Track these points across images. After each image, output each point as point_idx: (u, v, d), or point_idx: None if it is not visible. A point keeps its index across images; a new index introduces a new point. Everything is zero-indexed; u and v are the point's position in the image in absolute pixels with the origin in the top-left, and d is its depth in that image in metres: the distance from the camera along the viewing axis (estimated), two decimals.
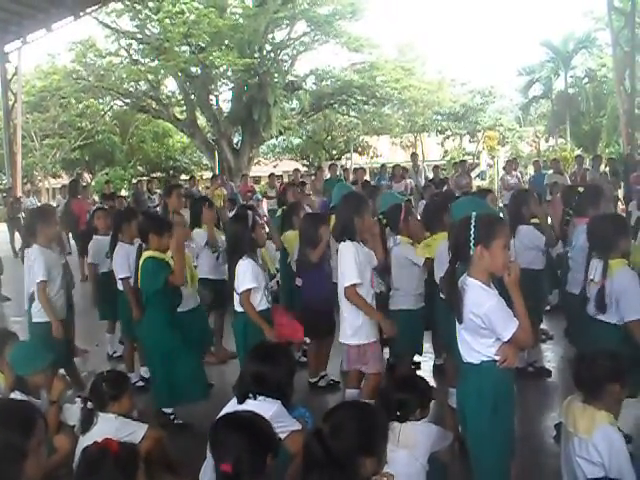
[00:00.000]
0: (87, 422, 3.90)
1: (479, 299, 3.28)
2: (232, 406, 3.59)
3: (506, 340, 3.24)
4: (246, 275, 5.15)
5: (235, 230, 5.48)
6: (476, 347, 3.35)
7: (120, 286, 6.49)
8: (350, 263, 4.78)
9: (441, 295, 5.46)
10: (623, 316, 4.38)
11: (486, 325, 3.26)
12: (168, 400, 5.43)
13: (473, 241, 3.29)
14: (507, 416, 3.38)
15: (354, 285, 4.77)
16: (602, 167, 16.85)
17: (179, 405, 5.46)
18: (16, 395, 3.99)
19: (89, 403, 3.99)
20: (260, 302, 5.24)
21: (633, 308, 4.31)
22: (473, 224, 3.31)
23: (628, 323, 4.35)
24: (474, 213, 3.39)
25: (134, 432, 3.89)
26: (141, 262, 5.39)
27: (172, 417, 5.45)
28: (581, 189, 6.21)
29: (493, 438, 3.36)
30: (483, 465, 3.45)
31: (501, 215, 6.03)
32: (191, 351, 5.42)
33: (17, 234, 17.37)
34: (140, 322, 5.65)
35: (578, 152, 29.24)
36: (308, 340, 6.32)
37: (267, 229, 6.96)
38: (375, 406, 3.09)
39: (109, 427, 3.81)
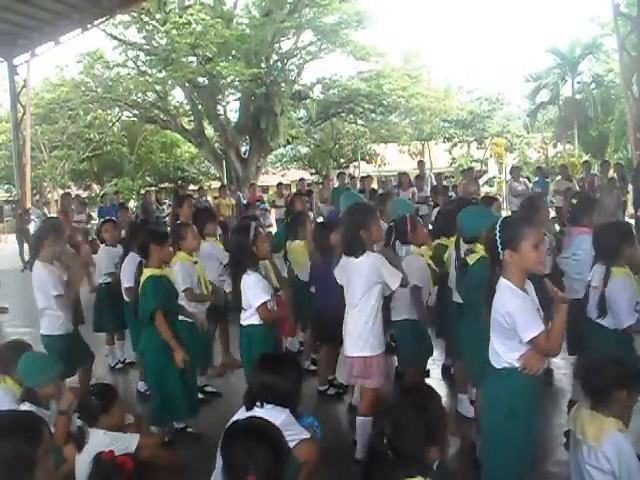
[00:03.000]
0: (81, 438, 3.88)
1: (504, 298, 3.34)
2: (241, 414, 3.60)
3: (525, 341, 3.27)
4: (257, 289, 5.09)
5: (236, 243, 5.43)
6: (499, 351, 3.40)
7: (126, 296, 6.51)
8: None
9: (454, 300, 5.52)
10: (617, 324, 4.45)
11: (509, 325, 3.30)
12: (160, 419, 5.37)
13: (501, 246, 3.36)
14: (522, 425, 3.39)
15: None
16: (610, 172, 16.80)
17: (170, 422, 5.46)
18: (25, 406, 4.00)
19: (78, 420, 3.98)
20: None
21: (624, 315, 4.39)
22: (498, 229, 3.39)
23: (627, 329, 4.41)
24: (500, 218, 3.49)
25: (127, 445, 3.85)
26: (142, 281, 5.32)
27: (182, 427, 5.47)
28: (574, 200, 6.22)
29: (504, 445, 3.39)
30: (490, 471, 3.47)
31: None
32: (187, 368, 5.38)
33: (26, 245, 17.49)
34: (140, 339, 5.59)
35: (586, 158, 29.19)
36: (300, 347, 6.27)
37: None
38: (431, 395, 3.08)
39: (100, 443, 3.75)
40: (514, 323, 3.28)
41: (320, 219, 12.51)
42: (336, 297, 5.67)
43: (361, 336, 4.79)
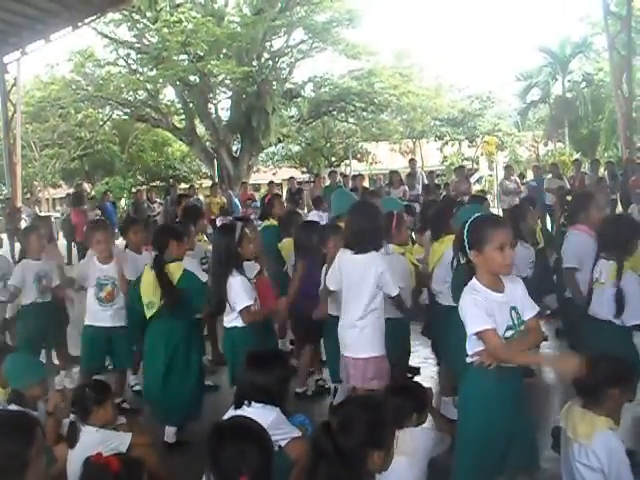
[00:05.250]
0: (73, 435, 3.87)
1: (463, 295, 3.38)
2: (230, 414, 3.59)
3: (470, 334, 3.30)
4: (239, 293, 5.06)
5: (220, 243, 5.35)
6: (467, 349, 3.41)
7: None
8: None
9: (438, 301, 5.52)
10: (624, 319, 4.47)
11: (463, 319, 3.34)
12: (172, 417, 5.38)
13: (468, 245, 3.38)
14: (476, 423, 3.39)
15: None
16: (601, 171, 16.86)
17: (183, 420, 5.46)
18: (13, 408, 3.98)
19: (72, 415, 3.98)
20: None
21: (635, 313, 4.42)
22: (467, 229, 3.39)
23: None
24: (470, 219, 3.44)
25: (119, 443, 3.84)
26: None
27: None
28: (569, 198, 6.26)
29: (460, 442, 3.45)
30: (454, 467, 3.50)
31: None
32: (191, 369, 5.39)
33: (17, 244, 17.38)
34: (146, 337, 5.53)
35: (577, 156, 29.28)
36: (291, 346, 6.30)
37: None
38: (382, 400, 3.09)
39: (92, 440, 3.76)
40: (464, 317, 3.31)
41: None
42: (317, 298, 5.68)
43: (374, 336, 4.77)
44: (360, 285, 4.73)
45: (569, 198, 6.25)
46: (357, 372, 4.79)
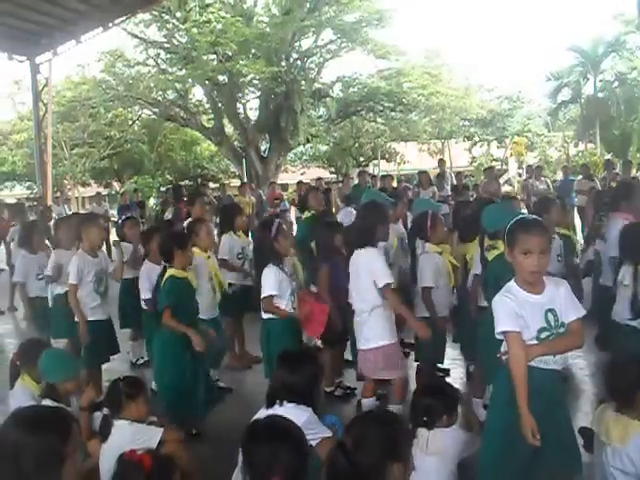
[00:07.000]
0: (106, 428, 3.91)
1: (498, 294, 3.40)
2: (262, 413, 3.59)
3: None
4: (267, 282, 5.28)
5: (259, 239, 5.66)
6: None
7: (144, 305, 6.52)
8: (382, 264, 4.96)
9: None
10: None
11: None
12: (178, 416, 5.42)
13: (506, 244, 3.42)
14: (500, 417, 3.41)
15: (389, 284, 4.96)
16: (633, 172, 16.61)
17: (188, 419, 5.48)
18: (47, 403, 4.02)
19: (105, 409, 4.01)
20: (285, 308, 5.35)
21: None
22: (507, 229, 3.42)
23: None
24: (516, 218, 3.47)
25: (150, 437, 3.87)
26: (163, 280, 5.43)
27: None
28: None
29: (486, 434, 3.50)
30: (479, 461, 3.53)
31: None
32: (198, 369, 5.44)
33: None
34: (154, 338, 5.65)
35: (608, 157, 28.91)
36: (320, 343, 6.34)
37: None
38: (394, 412, 3.09)
39: (125, 434, 3.80)
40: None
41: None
42: (338, 297, 5.71)
43: (371, 327, 5.04)
44: (367, 278, 4.98)
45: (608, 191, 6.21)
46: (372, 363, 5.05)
